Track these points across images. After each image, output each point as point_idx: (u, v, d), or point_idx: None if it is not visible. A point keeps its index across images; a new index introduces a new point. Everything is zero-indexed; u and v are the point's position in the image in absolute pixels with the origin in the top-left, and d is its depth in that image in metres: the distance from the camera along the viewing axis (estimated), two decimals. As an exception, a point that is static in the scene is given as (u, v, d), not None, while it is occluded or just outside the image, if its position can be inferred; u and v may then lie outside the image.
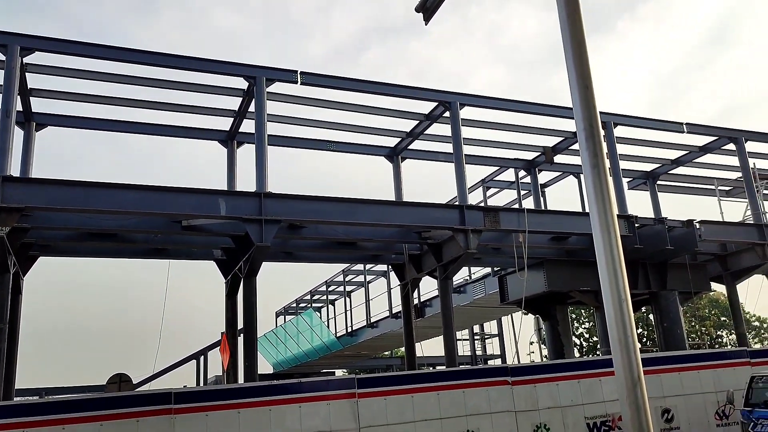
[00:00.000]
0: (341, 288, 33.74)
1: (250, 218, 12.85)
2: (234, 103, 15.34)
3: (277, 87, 14.58)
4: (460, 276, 23.34)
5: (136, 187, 12.20)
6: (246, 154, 16.33)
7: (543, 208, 20.62)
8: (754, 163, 20.67)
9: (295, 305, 39.27)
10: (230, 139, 16.30)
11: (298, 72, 14.37)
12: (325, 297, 36.48)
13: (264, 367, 39.65)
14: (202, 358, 27.71)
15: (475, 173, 20.01)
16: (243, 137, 16.33)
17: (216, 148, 16.42)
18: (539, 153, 19.69)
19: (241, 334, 13.91)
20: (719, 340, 54.07)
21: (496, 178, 21.54)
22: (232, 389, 10.28)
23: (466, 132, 16.95)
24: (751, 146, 20.27)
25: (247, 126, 15.67)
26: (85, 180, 11.87)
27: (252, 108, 14.38)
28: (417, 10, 6.94)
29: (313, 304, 37.71)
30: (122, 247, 15.28)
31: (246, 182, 15.55)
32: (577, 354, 44.17)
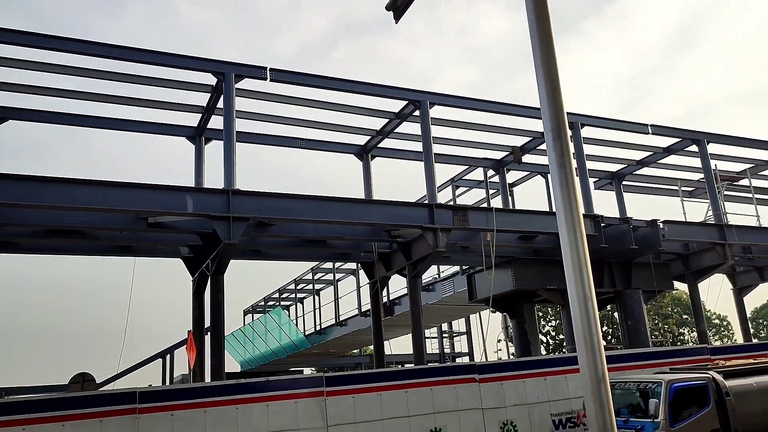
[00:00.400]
0: (310, 286, 33.61)
1: (217, 216, 12.71)
2: (202, 99, 15.16)
3: (246, 83, 14.45)
4: (429, 274, 23.45)
5: (100, 183, 11.97)
6: (214, 150, 16.17)
7: (511, 207, 20.81)
8: (715, 165, 21.15)
9: (263, 303, 39.00)
10: (198, 136, 16.10)
11: (268, 68, 14.26)
12: (293, 295, 36.32)
13: (231, 365, 39.33)
14: (168, 356, 27.36)
15: (444, 172, 20.22)
16: (211, 133, 16.14)
17: (184, 145, 16.22)
18: (508, 153, 19.88)
19: (208, 333, 13.77)
20: (681, 337, 55.26)
21: (465, 177, 21.67)
22: (198, 388, 10.16)
23: (436, 131, 17.02)
24: (712, 148, 20.73)
25: (216, 122, 15.50)
26: (47, 176, 11.60)
27: (220, 104, 14.23)
28: (387, 8, 6.94)
29: (282, 303, 37.50)
30: (86, 244, 15.00)
31: (214, 179, 15.43)
32: (543, 352, 44.72)
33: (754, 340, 35.68)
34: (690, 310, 27.96)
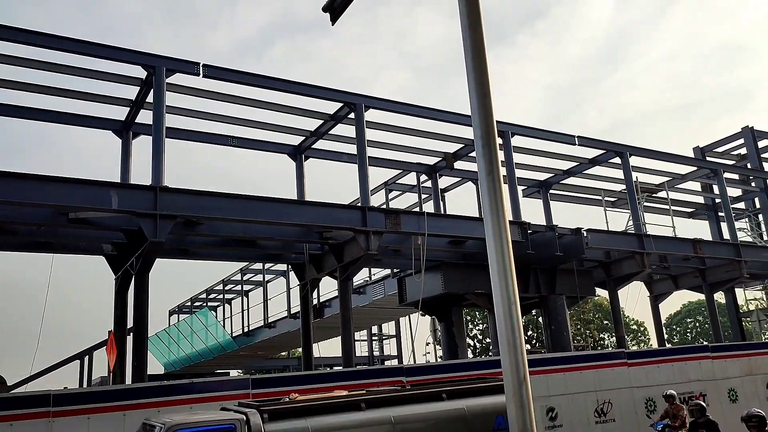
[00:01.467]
0: (239, 287, 33.09)
1: (144, 213, 12.34)
2: (131, 92, 14.71)
3: (178, 78, 14.11)
4: (360, 277, 23.48)
5: (18, 176, 11.41)
6: (142, 145, 15.70)
7: (442, 212, 21.11)
8: (636, 177, 22.09)
9: (190, 304, 38.14)
10: (125, 130, 15.59)
11: (201, 64, 13.97)
12: (221, 296, 35.67)
13: (155, 367, 38.27)
14: (86, 358, 26.36)
15: (378, 175, 20.35)
16: (139, 128, 15.66)
17: (110, 139, 15.68)
18: (441, 158, 20.16)
19: (131, 333, 13.34)
20: (601, 342, 57.32)
21: (398, 181, 21.85)
22: (117, 390, 9.83)
23: (371, 134, 17.08)
24: (634, 161, 21.65)
25: (145, 117, 15.06)
26: (-40, 165, 10.98)
27: (150, 98, 13.84)
28: (324, 9, 6.93)
29: (209, 303, 36.76)
30: (1, 239, 14.27)
31: (141, 175, 14.98)
32: (470, 355, 45.52)
33: (668, 346, 37.38)
34: (610, 315, 29.06)
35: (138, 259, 12.99)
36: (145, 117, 15.04)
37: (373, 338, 36.09)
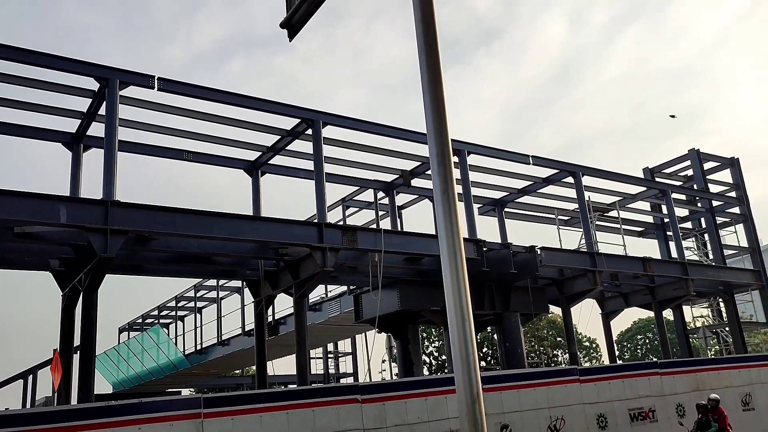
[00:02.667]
0: (192, 304, 32.47)
1: (93, 227, 12.03)
2: (83, 104, 14.39)
3: (132, 91, 13.87)
4: (317, 294, 23.34)
5: (-38, 188, 11.02)
6: (93, 159, 15.35)
7: (399, 229, 21.17)
8: (589, 196, 22.59)
9: (141, 321, 37.22)
10: (76, 142, 15.22)
11: (156, 77, 13.77)
12: (174, 313, 34.95)
13: (102, 386, 37.15)
14: (30, 377, 25.44)
15: (335, 192, 20.32)
16: (91, 141, 15.31)
17: (60, 151, 15.27)
18: (398, 176, 20.27)
19: (78, 351, 12.93)
20: (555, 359, 58.06)
21: (355, 198, 21.85)
22: (61, 411, 9.49)
23: (328, 150, 17.08)
24: (587, 180, 22.13)
25: (96, 129, 14.74)
26: None
27: (102, 111, 13.57)
28: (281, 26, 6.93)
29: (161, 320, 35.95)
30: (-59, 253, 13.72)
31: (92, 189, 14.60)
32: (426, 372, 45.56)
33: (619, 362, 38.08)
34: (563, 332, 29.51)
35: (87, 275, 12.64)
36: (97, 129, 14.72)
37: (329, 356, 35.80)
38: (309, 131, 16.17)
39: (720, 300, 29.25)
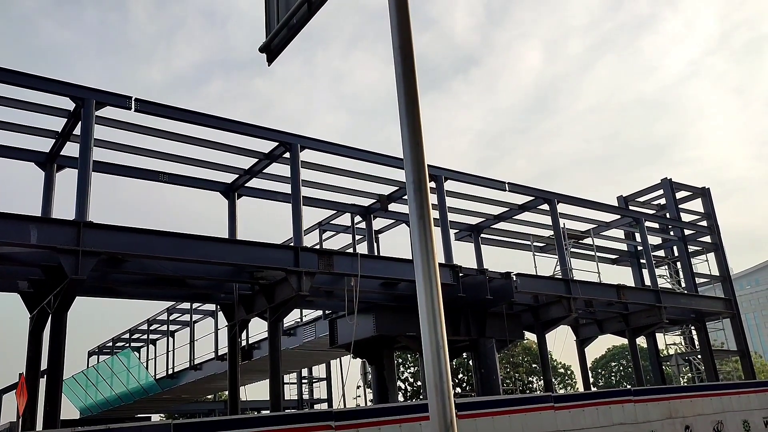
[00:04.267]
0: (164, 327, 31.98)
1: (65, 248, 11.83)
2: (57, 123, 14.24)
3: (108, 111, 13.78)
4: (291, 318, 23.12)
5: (-71, 207, 10.78)
6: (67, 179, 15.15)
7: (376, 253, 21.15)
8: (564, 224, 22.81)
9: (111, 344, 36.52)
10: (49, 162, 15.03)
11: (133, 98, 13.71)
12: (146, 336, 34.37)
13: (70, 412, 36.23)
14: (-5, 402, 24.72)
15: (312, 215, 20.25)
16: (64, 161, 15.14)
17: (32, 171, 15.06)
18: (375, 200, 20.29)
19: (45, 375, 12.62)
20: (530, 385, 58.06)
21: (332, 222, 21.81)
22: (27, 438, 9.23)
23: (306, 174, 17.06)
24: (562, 208, 22.37)
25: (71, 149, 14.57)
26: None
27: (78, 131, 13.43)
28: (261, 50, 6.95)
29: (132, 344, 35.31)
30: None
31: (64, 209, 14.39)
32: (401, 398, 45.20)
33: (593, 389, 38.23)
34: (539, 359, 29.54)
35: (56, 297, 12.40)
36: (71, 149, 14.56)
37: (303, 381, 35.38)
38: (287, 155, 16.17)
39: (692, 328, 29.57)
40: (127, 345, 34.92)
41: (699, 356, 29.19)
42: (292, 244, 15.58)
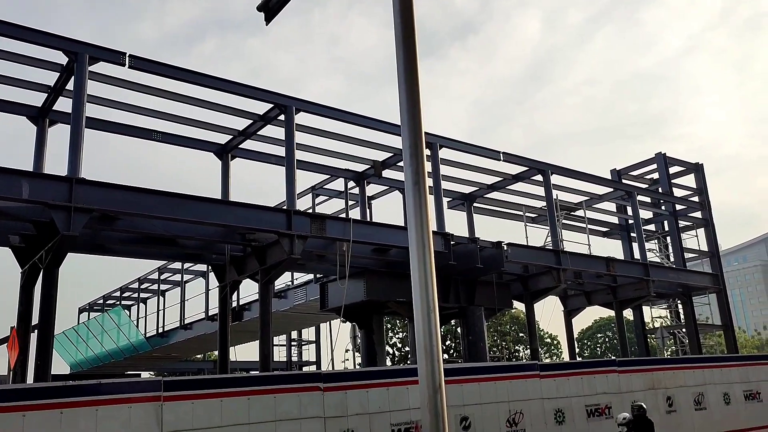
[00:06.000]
0: (155, 286, 32.08)
1: (57, 205, 11.79)
2: (50, 77, 14.04)
3: (102, 67, 13.58)
4: (282, 281, 23.23)
5: None
6: (59, 134, 15.01)
7: (369, 219, 21.17)
8: (556, 195, 22.87)
9: (102, 302, 36.65)
10: (42, 117, 14.87)
11: (127, 54, 13.51)
12: (136, 295, 34.49)
13: (60, 367, 36.55)
14: (-15, 355, 24.84)
15: (305, 179, 20.15)
16: (57, 116, 14.98)
17: (25, 125, 14.91)
18: (369, 166, 20.24)
19: (35, 330, 12.68)
20: (516, 354, 58.85)
21: (325, 187, 21.77)
22: (15, 390, 9.30)
23: (300, 137, 16.97)
24: (555, 179, 22.39)
25: (63, 104, 14.42)
26: None
27: (70, 86, 13.27)
28: (259, 9, 6.84)
29: (123, 302, 35.45)
30: None
31: (57, 165, 14.31)
32: (389, 362, 45.77)
33: (578, 359, 38.78)
34: (526, 328, 29.91)
35: (48, 253, 12.39)
36: (64, 105, 14.41)
37: (293, 343, 35.70)
38: (281, 117, 16.05)
39: (678, 302, 29.95)
40: (118, 303, 35.07)
41: (684, 330, 29.63)
42: (285, 207, 15.57)
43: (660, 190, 29.10)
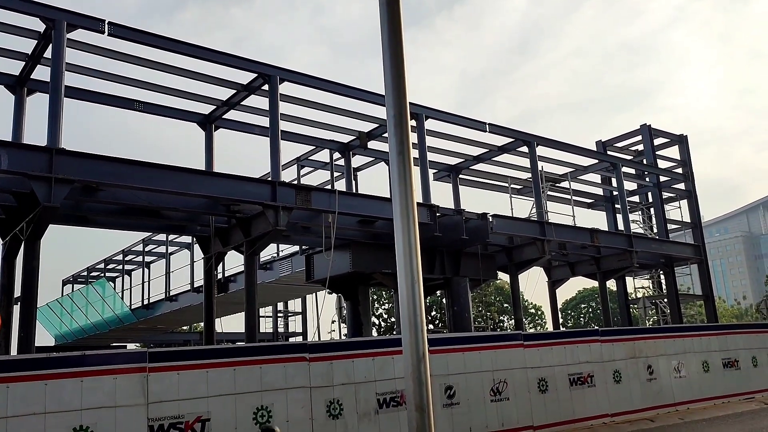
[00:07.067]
0: (140, 258, 31.93)
1: (37, 175, 11.61)
2: (27, 45, 13.74)
3: (80, 34, 13.30)
4: (268, 253, 23.21)
5: None
6: (38, 103, 14.74)
7: (354, 191, 21.12)
8: (542, 166, 22.91)
9: (86, 273, 36.46)
10: (20, 85, 14.58)
11: (106, 22, 13.22)
12: (121, 266, 34.33)
13: (45, 339, 36.48)
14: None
15: (290, 150, 20.00)
16: (35, 85, 14.69)
17: (2, 93, 14.62)
18: (355, 137, 20.11)
19: (18, 303, 12.59)
20: (501, 324, 59.51)
21: (311, 158, 21.65)
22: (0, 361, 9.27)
23: (285, 108, 16.79)
24: (541, 150, 22.41)
25: (42, 73, 14.12)
26: None
27: (48, 54, 12.98)
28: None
29: (107, 274, 35.28)
30: None
31: (36, 135, 14.08)
32: (375, 333, 46.13)
33: (562, 329, 39.28)
34: (510, 299, 30.19)
35: (29, 224, 12.25)
36: (42, 73, 14.11)
37: (278, 315, 35.82)
38: (265, 87, 15.85)
39: (661, 272, 30.33)
40: (102, 275, 34.91)
41: (665, 300, 30.05)
42: (269, 178, 15.46)
43: (644, 161, 29.24)
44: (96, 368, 9.52)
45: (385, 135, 19.40)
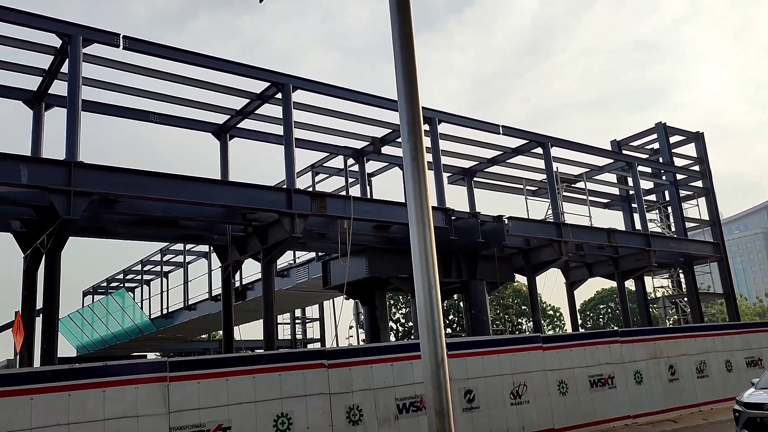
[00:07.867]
0: (158, 268, 32.18)
1: (56, 189, 11.77)
2: (44, 61, 13.93)
3: (96, 49, 13.47)
4: (284, 260, 23.30)
5: None
6: (56, 118, 14.95)
7: (369, 196, 21.15)
8: (557, 167, 22.79)
9: (105, 284, 36.80)
10: (37, 101, 14.78)
11: (121, 35, 13.39)
12: (140, 277, 34.62)
13: (66, 350, 36.86)
14: (-8, 340, 25.06)
15: (305, 158, 20.10)
16: (53, 99, 14.90)
17: (21, 109, 14.82)
18: (368, 143, 20.16)
19: (40, 315, 12.75)
20: (519, 326, 59.18)
21: (325, 165, 21.72)
22: (23, 373, 9.39)
23: (298, 115, 16.88)
24: (555, 151, 22.30)
25: (59, 88, 14.31)
26: None
27: (65, 68, 13.17)
28: (252, -15, 6.75)
29: (126, 284, 35.59)
30: None
31: (55, 149, 14.25)
32: (393, 338, 46.07)
33: (581, 330, 38.99)
34: (528, 301, 30.04)
35: (49, 237, 12.40)
36: (59, 88, 14.30)
37: (296, 321, 35.90)
38: (279, 95, 15.95)
39: (680, 271, 30.01)
40: (122, 285, 35.21)
41: (685, 299, 29.73)
42: (284, 186, 15.54)
43: (660, 159, 29.00)
44: (118, 378, 9.62)
45: (399, 140, 19.43)
